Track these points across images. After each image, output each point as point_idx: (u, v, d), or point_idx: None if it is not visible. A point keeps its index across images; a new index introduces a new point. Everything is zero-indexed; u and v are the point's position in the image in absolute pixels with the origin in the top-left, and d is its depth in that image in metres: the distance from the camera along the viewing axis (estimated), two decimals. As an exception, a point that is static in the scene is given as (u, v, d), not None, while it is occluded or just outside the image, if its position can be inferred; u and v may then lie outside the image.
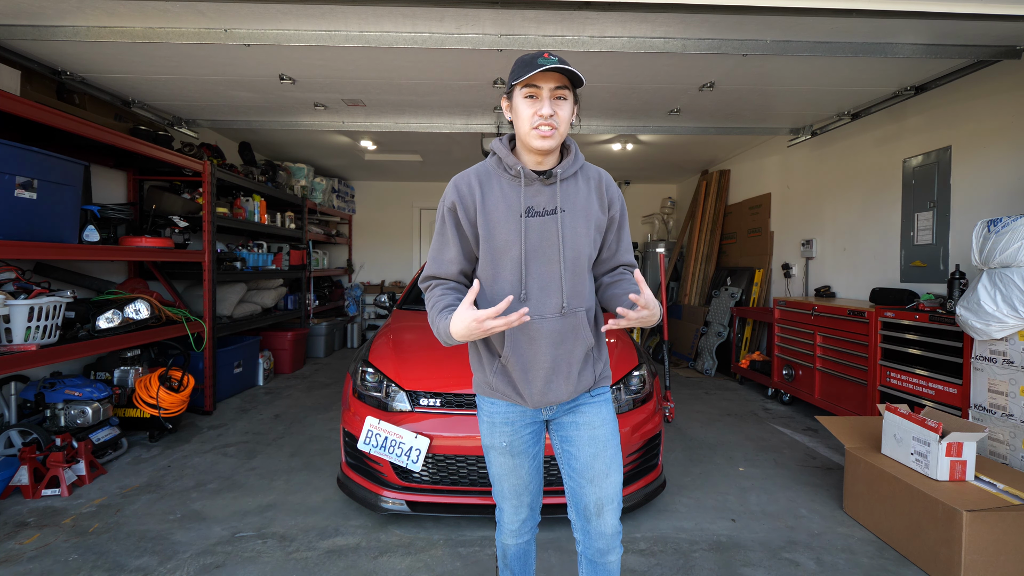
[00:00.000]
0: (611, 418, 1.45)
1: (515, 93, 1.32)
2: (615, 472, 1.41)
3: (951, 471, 2.22)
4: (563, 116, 1.31)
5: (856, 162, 4.51)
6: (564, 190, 1.37)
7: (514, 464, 1.47)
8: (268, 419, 4.09)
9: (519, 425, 1.45)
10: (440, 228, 1.42)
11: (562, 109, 1.31)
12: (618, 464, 1.42)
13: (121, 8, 2.73)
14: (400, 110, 4.57)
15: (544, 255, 1.35)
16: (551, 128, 1.29)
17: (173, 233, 4.00)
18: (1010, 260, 2.52)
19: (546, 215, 1.35)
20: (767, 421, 4.16)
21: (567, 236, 1.35)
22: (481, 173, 1.41)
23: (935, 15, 2.52)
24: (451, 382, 2.45)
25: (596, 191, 1.42)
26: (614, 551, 1.43)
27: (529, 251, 1.35)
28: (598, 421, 1.42)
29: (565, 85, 1.30)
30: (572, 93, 1.34)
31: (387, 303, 3.71)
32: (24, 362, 2.64)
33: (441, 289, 1.39)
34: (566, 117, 1.32)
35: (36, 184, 2.73)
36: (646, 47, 2.99)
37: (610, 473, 1.40)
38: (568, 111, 1.33)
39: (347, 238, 8.33)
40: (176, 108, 4.53)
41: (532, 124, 1.29)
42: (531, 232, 1.35)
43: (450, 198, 1.39)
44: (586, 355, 1.41)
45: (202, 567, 2.14)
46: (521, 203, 1.35)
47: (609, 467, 1.40)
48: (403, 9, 2.68)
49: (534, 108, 1.29)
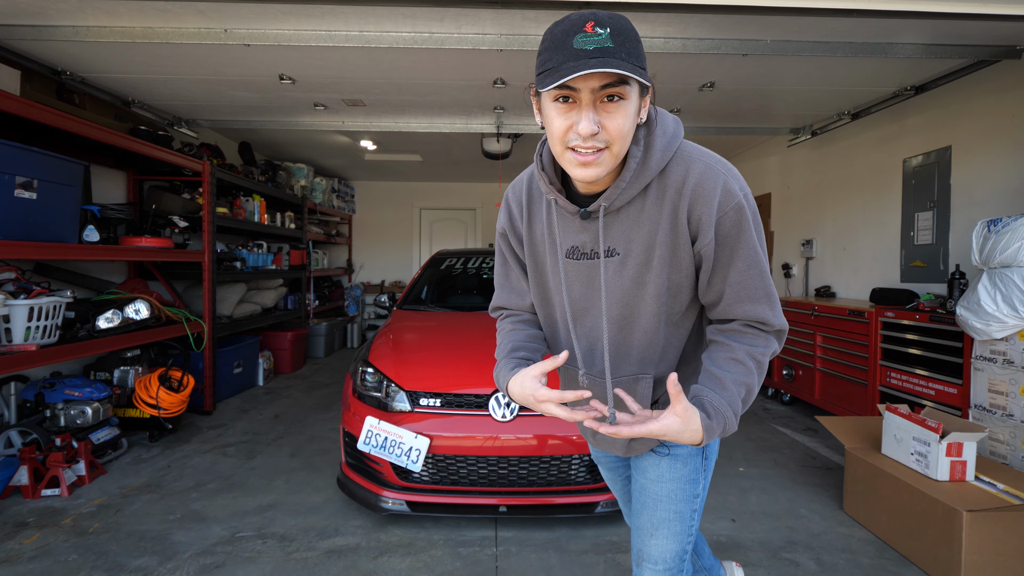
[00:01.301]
0: (672, 477, 1.12)
1: (542, 92, 0.87)
2: (663, 536, 1.13)
3: (951, 471, 2.22)
4: (616, 127, 0.85)
5: (856, 162, 4.51)
6: (622, 222, 0.96)
7: (609, 479, 1.40)
8: (268, 419, 4.09)
9: (604, 463, 1.38)
10: (498, 251, 1.19)
11: (615, 117, 0.84)
12: (672, 531, 1.13)
13: (121, 8, 2.73)
14: (400, 110, 4.57)
15: (591, 309, 1.03)
16: (594, 151, 0.86)
17: (173, 233, 4.00)
18: (1010, 260, 2.52)
19: (595, 258, 1.00)
20: (767, 421, 4.16)
21: (611, 287, 0.99)
22: (534, 184, 1.09)
23: (935, 15, 2.51)
24: (451, 382, 2.45)
25: (671, 215, 0.93)
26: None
27: (574, 301, 1.04)
28: (654, 475, 1.13)
29: (621, 80, 0.82)
30: (637, 83, 0.86)
31: (387, 303, 3.71)
32: (24, 362, 2.64)
33: (512, 323, 1.16)
34: (622, 127, 0.85)
35: (36, 184, 2.73)
36: (646, 47, 2.98)
37: (656, 534, 1.14)
38: (626, 118, 0.85)
39: (347, 238, 8.33)
40: (176, 108, 4.53)
41: (566, 143, 0.87)
42: (574, 278, 1.03)
43: (502, 220, 1.14)
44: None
45: (202, 567, 2.13)
46: (558, 239, 1.03)
47: (656, 528, 1.14)
48: (403, 9, 2.68)
49: (568, 120, 0.85)
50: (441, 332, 3.03)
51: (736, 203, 0.91)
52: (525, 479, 2.33)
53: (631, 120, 0.86)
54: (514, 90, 3.98)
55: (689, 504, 1.13)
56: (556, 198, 0.98)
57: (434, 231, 8.67)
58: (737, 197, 0.91)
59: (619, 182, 0.92)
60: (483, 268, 4.10)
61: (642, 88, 0.88)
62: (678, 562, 1.15)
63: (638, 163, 0.92)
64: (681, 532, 1.13)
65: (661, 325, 1.01)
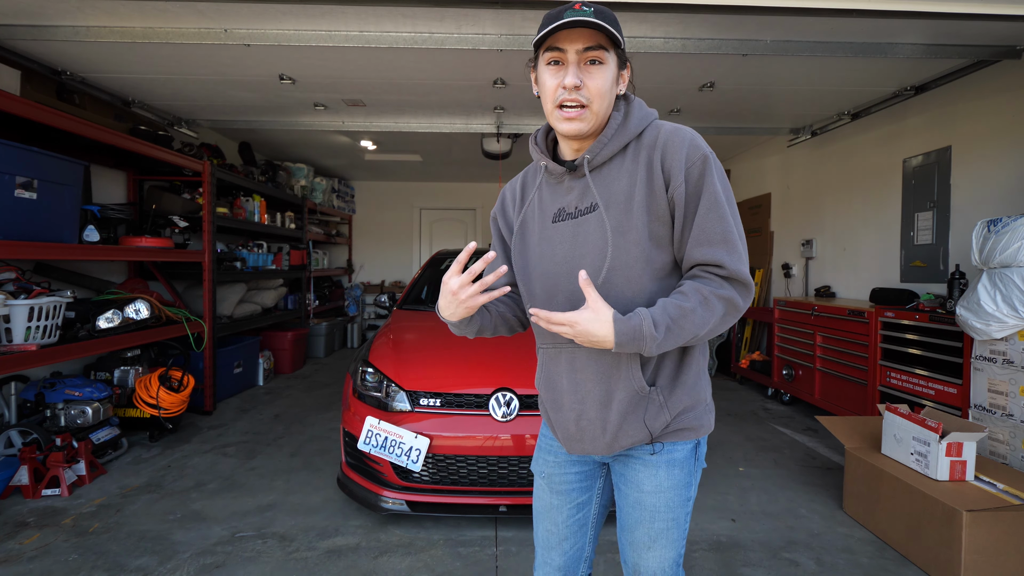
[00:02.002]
0: (671, 485, 1.09)
1: (539, 61, 1.03)
2: (662, 547, 1.11)
3: (951, 471, 2.22)
4: (596, 86, 0.99)
5: (856, 162, 4.51)
6: (603, 177, 1.04)
7: (551, 504, 1.21)
8: (268, 419, 4.09)
9: (563, 459, 1.19)
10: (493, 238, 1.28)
11: (595, 77, 0.99)
12: (670, 539, 1.11)
13: (121, 8, 2.73)
14: (400, 110, 4.57)
15: (575, 268, 1.05)
16: (578, 105, 0.99)
17: (173, 233, 4.00)
18: (1010, 260, 2.52)
19: (580, 216, 1.06)
20: (767, 421, 4.16)
21: (595, 238, 1.03)
22: (528, 172, 1.21)
23: (935, 15, 2.51)
24: (451, 382, 2.45)
25: (647, 165, 1.01)
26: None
27: (559, 263, 1.08)
28: (648, 486, 1.09)
29: (600, 45, 0.98)
30: (615, 54, 1.01)
31: (387, 303, 3.71)
32: (24, 362, 2.64)
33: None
34: (601, 87, 0.99)
35: (36, 184, 2.73)
36: (646, 47, 2.99)
37: (654, 547, 1.11)
38: (604, 79, 0.99)
39: (347, 238, 8.33)
40: (176, 108, 4.53)
41: (556, 100, 1.00)
42: (559, 240, 1.08)
43: (495, 207, 1.25)
44: (634, 400, 1.04)
45: (202, 567, 2.14)
46: (547, 206, 1.11)
47: (655, 540, 1.10)
48: (403, 9, 2.68)
49: (557, 78, 1.00)
50: (441, 332, 3.02)
51: (702, 154, 0.99)
52: (525, 479, 2.33)
53: (609, 83, 1.00)
54: (514, 90, 3.98)
55: (684, 508, 1.12)
56: (547, 163, 1.10)
57: (434, 231, 8.67)
58: (703, 150, 1.00)
59: (601, 138, 1.04)
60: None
61: (620, 61, 1.04)
62: (675, 568, 1.14)
63: (618, 124, 1.04)
64: (678, 539, 1.12)
65: (646, 279, 1.02)
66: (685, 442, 1.09)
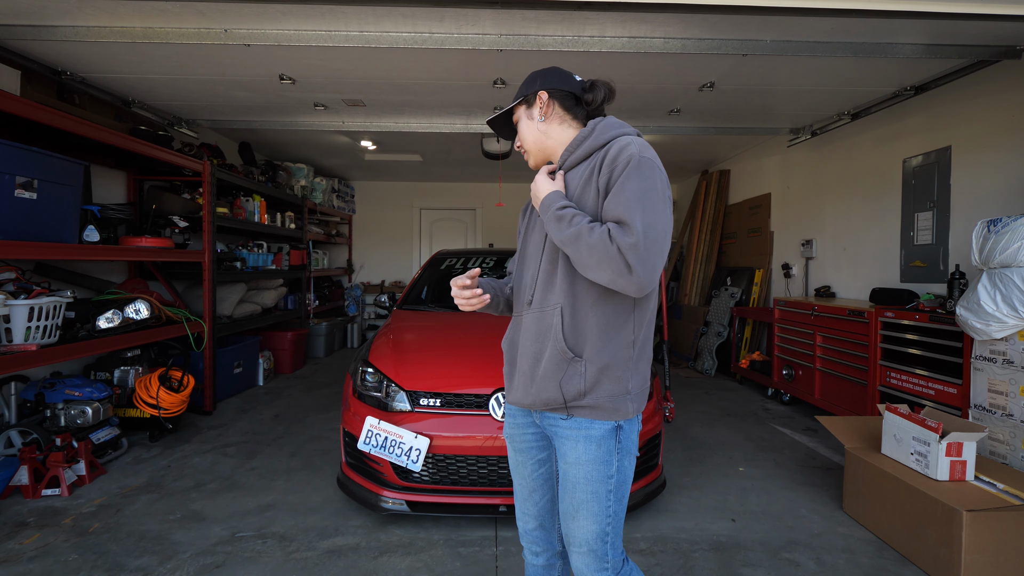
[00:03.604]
0: (588, 459, 1.22)
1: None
2: (584, 518, 1.23)
3: (951, 471, 2.22)
4: (525, 139, 1.39)
5: (856, 162, 4.51)
6: (570, 178, 1.29)
7: (516, 461, 1.42)
8: (268, 419, 4.09)
9: (519, 419, 1.40)
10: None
11: (522, 136, 1.40)
12: (590, 511, 1.22)
13: (121, 8, 2.73)
14: (400, 110, 4.57)
15: (534, 251, 1.35)
16: (526, 152, 1.41)
17: (173, 233, 4.00)
18: (1010, 260, 2.52)
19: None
20: (767, 421, 4.16)
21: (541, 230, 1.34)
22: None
23: (935, 15, 2.51)
24: (451, 382, 2.45)
25: (595, 170, 1.22)
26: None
27: (526, 247, 1.40)
28: (572, 458, 1.24)
29: (510, 117, 1.43)
30: (522, 108, 1.38)
31: (387, 303, 3.71)
32: (24, 362, 2.64)
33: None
34: (528, 137, 1.38)
35: (36, 184, 2.73)
36: (646, 47, 2.99)
37: (576, 516, 1.24)
38: (528, 133, 1.37)
39: (347, 238, 8.33)
40: (176, 108, 4.53)
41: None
42: (532, 230, 1.39)
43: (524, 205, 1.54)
44: (557, 362, 1.23)
45: (202, 567, 2.14)
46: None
47: (577, 510, 1.24)
48: (403, 9, 2.68)
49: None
50: (441, 332, 3.03)
51: (633, 159, 1.16)
52: (525, 479, 2.33)
53: (533, 129, 1.36)
54: (514, 90, 3.99)
55: (604, 484, 1.23)
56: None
57: (434, 231, 8.68)
58: (630, 152, 1.17)
59: (565, 152, 1.32)
60: (483, 268, 4.10)
61: (530, 102, 1.36)
62: (600, 544, 1.23)
63: (589, 134, 1.28)
64: (599, 513, 1.23)
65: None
66: (602, 422, 1.23)
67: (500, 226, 8.57)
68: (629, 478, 1.28)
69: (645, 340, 1.27)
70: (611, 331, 1.22)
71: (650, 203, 1.13)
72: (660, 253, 1.11)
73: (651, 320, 1.29)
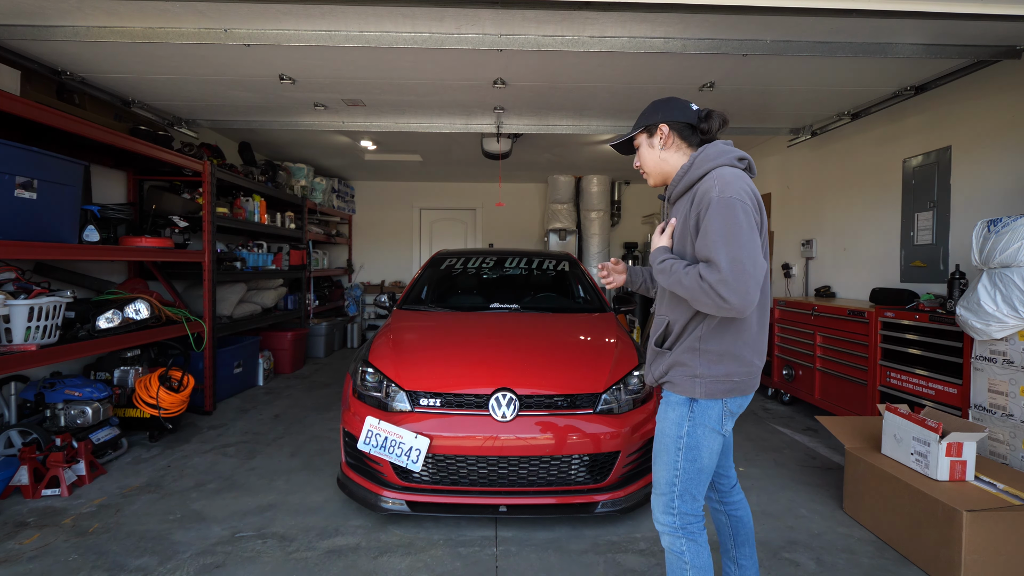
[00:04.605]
0: (663, 418, 1.55)
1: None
2: (658, 465, 1.55)
3: (951, 471, 2.22)
4: (646, 164, 1.63)
5: (856, 162, 4.51)
6: (676, 206, 1.56)
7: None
8: (268, 419, 4.09)
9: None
10: None
11: (643, 160, 1.64)
12: (661, 460, 1.54)
13: (121, 8, 2.73)
14: (400, 110, 4.57)
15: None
16: (646, 173, 1.66)
17: (173, 233, 4.00)
18: (1010, 260, 2.52)
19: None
20: (767, 421, 4.16)
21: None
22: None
23: (935, 15, 2.51)
24: (451, 382, 2.45)
25: (691, 205, 1.47)
26: (660, 536, 1.57)
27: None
28: (658, 415, 1.59)
29: (632, 144, 1.67)
30: (643, 135, 1.62)
31: (387, 303, 3.71)
32: (24, 362, 2.64)
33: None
34: (649, 163, 1.62)
35: (36, 184, 2.73)
36: (646, 47, 2.99)
37: (656, 461, 1.57)
38: (650, 159, 1.61)
39: (347, 238, 8.33)
40: (176, 108, 4.53)
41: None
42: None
43: None
44: (655, 353, 1.59)
45: (202, 567, 2.14)
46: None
47: (657, 456, 1.57)
48: (403, 9, 2.68)
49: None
50: (441, 332, 3.02)
51: (715, 195, 1.39)
52: (525, 479, 2.33)
53: (649, 156, 1.62)
54: (514, 90, 3.99)
55: (674, 443, 1.51)
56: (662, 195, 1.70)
57: (434, 231, 8.68)
58: (711, 196, 1.40)
59: (672, 183, 1.58)
60: (483, 268, 4.10)
61: (651, 132, 1.61)
62: (668, 489, 1.52)
63: (688, 168, 1.51)
64: (668, 464, 1.52)
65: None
66: (676, 395, 1.52)
67: (500, 226, 8.57)
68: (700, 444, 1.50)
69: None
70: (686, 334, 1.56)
71: (733, 238, 1.33)
72: (750, 278, 1.32)
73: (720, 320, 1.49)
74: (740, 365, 1.48)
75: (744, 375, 1.49)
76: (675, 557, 1.52)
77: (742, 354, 1.48)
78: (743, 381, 1.49)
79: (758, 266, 1.33)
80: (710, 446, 1.49)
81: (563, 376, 2.50)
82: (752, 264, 1.32)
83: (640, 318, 7.02)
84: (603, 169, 7.45)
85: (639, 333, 6.65)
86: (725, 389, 1.47)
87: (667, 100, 1.58)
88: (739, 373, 1.48)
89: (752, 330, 1.49)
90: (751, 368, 1.50)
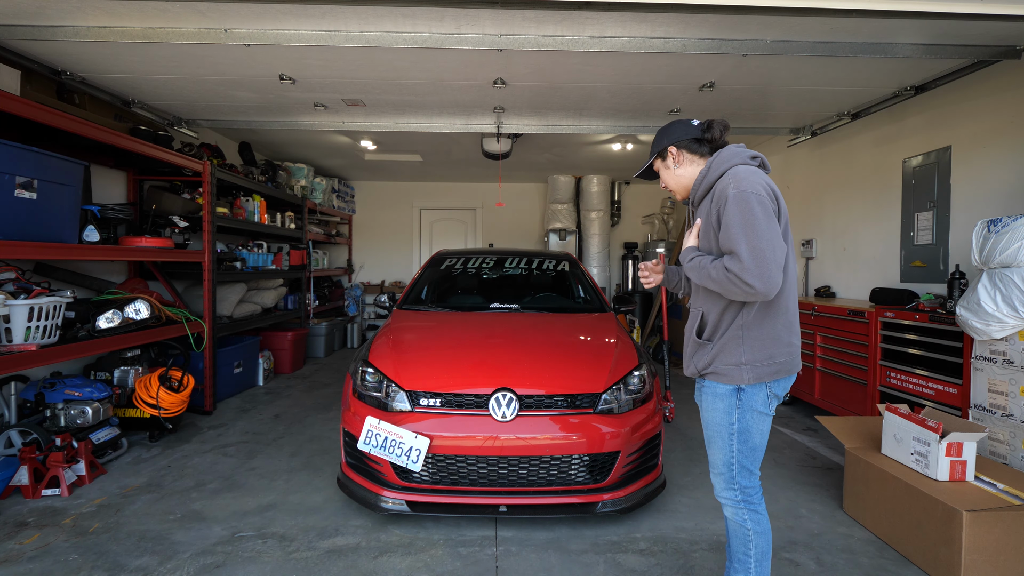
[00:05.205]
0: (710, 408, 1.68)
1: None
2: (713, 448, 1.70)
3: (951, 471, 2.22)
4: (668, 183, 1.80)
5: (856, 162, 4.51)
6: (699, 207, 1.69)
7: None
8: (268, 419, 4.09)
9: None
10: None
11: (665, 181, 1.81)
12: (715, 444, 1.69)
13: (121, 8, 2.73)
14: (400, 110, 4.57)
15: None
16: (671, 191, 1.83)
17: (173, 233, 4.00)
18: (1010, 260, 2.52)
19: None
20: (767, 421, 4.15)
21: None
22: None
23: (935, 15, 2.52)
24: (451, 382, 2.45)
25: (712, 203, 1.59)
26: (723, 508, 1.73)
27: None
28: (703, 407, 1.72)
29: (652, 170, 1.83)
30: (659, 161, 1.79)
31: (387, 303, 3.71)
32: (24, 362, 2.64)
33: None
34: (670, 182, 1.79)
35: (36, 184, 2.73)
36: (646, 47, 2.99)
37: (710, 447, 1.71)
38: (669, 178, 1.78)
39: (347, 238, 8.33)
40: (176, 108, 4.53)
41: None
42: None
43: None
44: (696, 346, 1.69)
45: (202, 567, 2.14)
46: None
47: (709, 443, 1.72)
48: (403, 9, 2.68)
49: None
50: (441, 332, 3.03)
51: (732, 191, 1.52)
52: (525, 479, 2.33)
53: (672, 176, 1.78)
54: (514, 90, 3.99)
55: (727, 430, 1.65)
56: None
57: (434, 231, 8.67)
58: (727, 193, 1.53)
59: (693, 188, 1.73)
60: (483, 268, 4.10)
61: (665, 155, 1.78)
62: (727, 468, 1.67)
63: (706, 173, 1.66)
64: (723, 447, 1.67)
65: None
66: (721, 384, 1.63)
67: (500, 226, 8.57)
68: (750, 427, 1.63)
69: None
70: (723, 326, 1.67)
71: (751, 228, 1.46)
72: (772, 263, 1.43)
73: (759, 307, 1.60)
74: (780, 346, 1.59)
75: (786, 355, 1.60)
76: (737, 526, 1.68)
77: (780, 335, 1.59)
78: (786, 362, 1.60)
79: (777, 250, 1.44)
80: (760, 428, 1.63)
81: (563, 376, 2.50)
82: (771, 250, 1.43)
83: (640, 318, 7.02)
84: (603, 169, 7.45)
85: (639, 333, 6.65)
86: (771, 371, 1.58)
87: (669, 124, 1.76)
88: (781, 354, 1.59)
89: (790, 311, 1.61)
90: (791, 348, 1.61)
